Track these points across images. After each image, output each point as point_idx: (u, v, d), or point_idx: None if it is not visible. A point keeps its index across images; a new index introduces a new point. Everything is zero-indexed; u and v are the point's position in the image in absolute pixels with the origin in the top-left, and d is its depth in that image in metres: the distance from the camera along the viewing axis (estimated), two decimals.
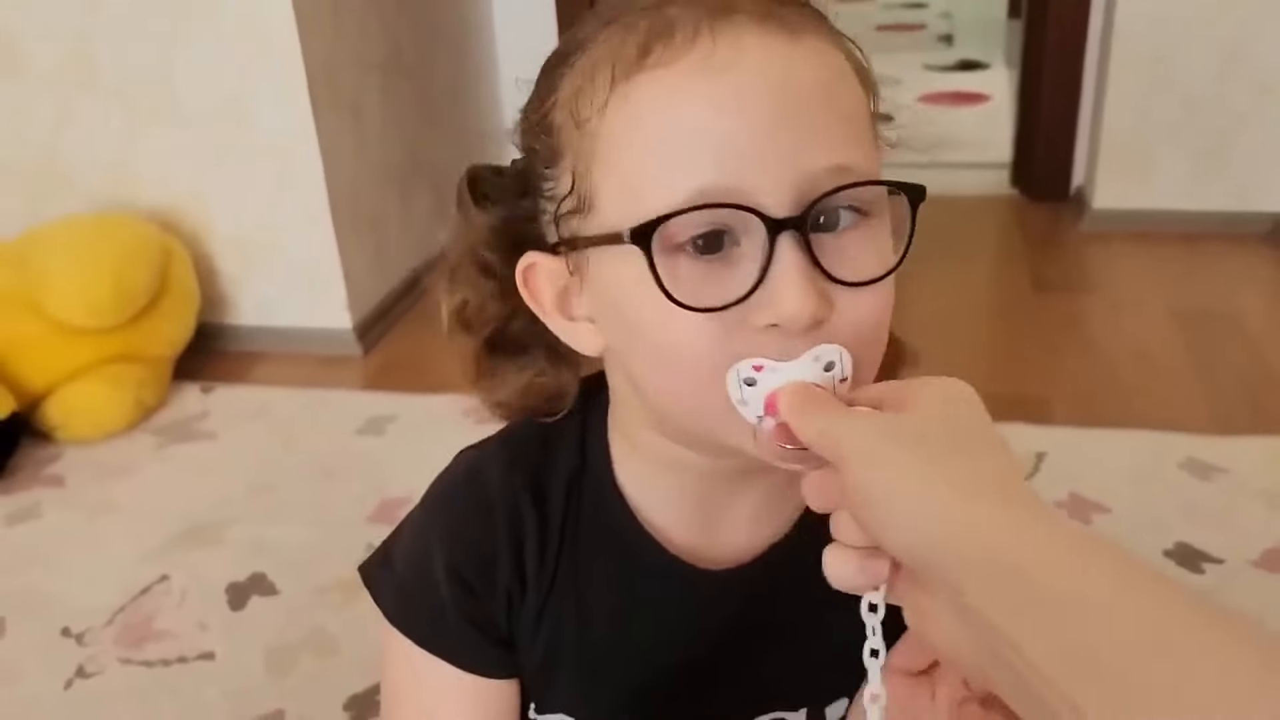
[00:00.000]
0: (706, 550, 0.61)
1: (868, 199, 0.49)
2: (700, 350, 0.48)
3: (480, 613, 0.61)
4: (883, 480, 0.40)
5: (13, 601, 1.47)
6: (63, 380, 1.87)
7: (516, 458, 0.62)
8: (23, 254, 1.92)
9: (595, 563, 0.61)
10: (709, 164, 0.47)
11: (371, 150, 2.24)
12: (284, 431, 1.88)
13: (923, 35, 4.58)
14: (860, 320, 0.49)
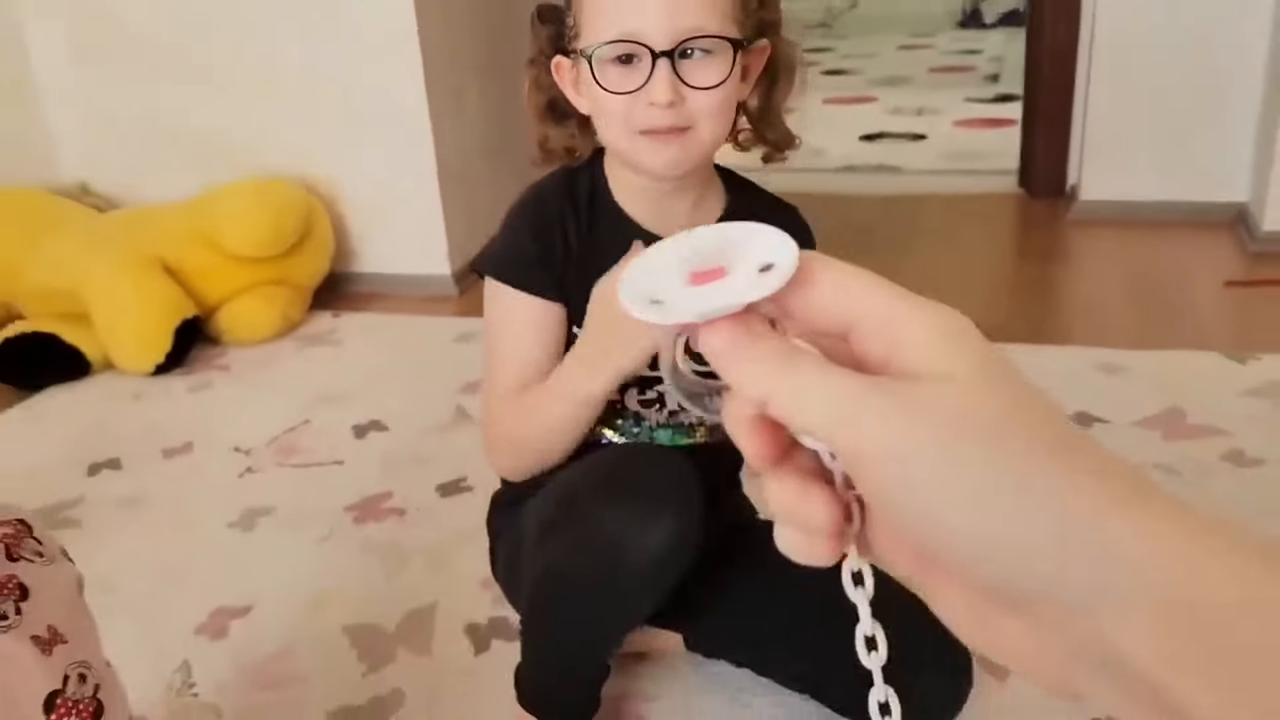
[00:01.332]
0: (664, 230, 1.07)
1: (709, 45, 0.96)
2: (618, 113, 0.97)
3: (546, 259, 1.08)
4: (937, 486, 0.28)
5: (197, 433, 1.99)
6: (230, 297, 2.42)
7: (561, 181, 1.10)
8: (204, 206, 2.49)
9: (602, 238, 1.09)
10: (627, 17, 0.95)
11: (470, 133, 2.78)
12: (395, 341, 2.40)
13: (971, 75, 5.02)
14: (703, 106, 0.97)
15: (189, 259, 2.39)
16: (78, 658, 0.76)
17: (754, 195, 1.16)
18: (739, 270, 0.32)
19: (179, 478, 1.84)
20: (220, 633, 1.40)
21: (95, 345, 2.28)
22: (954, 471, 0.28)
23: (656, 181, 1.05)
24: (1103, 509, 0.26)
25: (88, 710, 0.74)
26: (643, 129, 0.98)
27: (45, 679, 0.73)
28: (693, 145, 0.99)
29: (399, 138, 2.61)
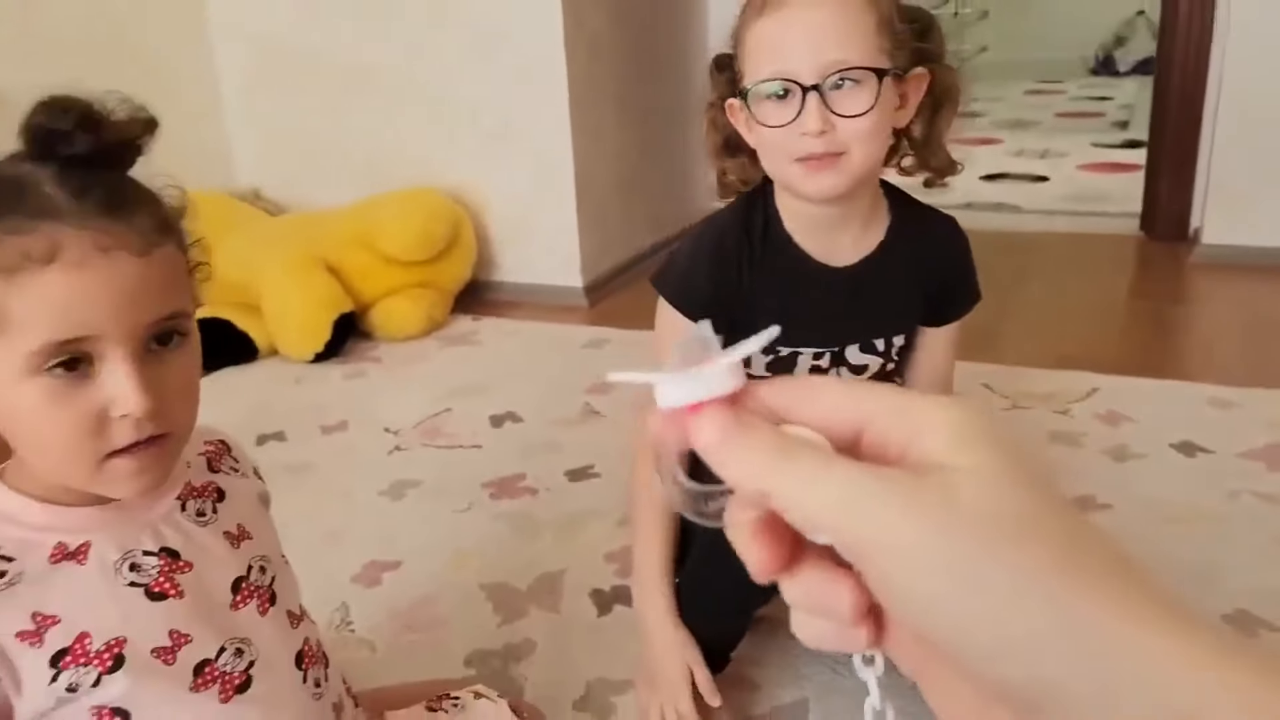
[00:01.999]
0: (829, 258, 1.20)
1: (854, 75, 1.06)
2: (776, 144, 1.10)
3: (717, 292, 1.21)
4: (945, 579, 0.27)
5: (351, 414, 2.20)
6: (382, 296, 2.64)
7: (739, 214, 1.23)
8: (363, 212, 2.72)
9: (772, 266, 1.21)
10: (778, 58, 1.07)
11: (607, 161, 2.96)
12: (530, 344, 2.58)
13: (1100, 121, 5.01)
14: (853, 132, 1.07)
15: (348, 259, 2.62)
16: (259, 553, 0.89)
17: (916, 211, 1.24)
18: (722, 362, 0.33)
19: (336, 451, 2.04)
20: (374, 582, 1.58)
21: (263, 333, 2.52)
22: (963, 566, 0.27)
23: (819, 206, 1.15)
24: (1115, 616, 0.26)
25: (265, 596, 0.87)
26: (798, 157, 1.08)
27: (234, 567, 0.86)
28: (846, 169, 1.08)
29: (543, 160, 2.81)
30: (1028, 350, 2.33)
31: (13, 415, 0.73)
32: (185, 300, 0.77)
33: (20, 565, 0.75)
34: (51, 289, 0.68)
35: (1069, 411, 2.03)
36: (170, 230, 0.76)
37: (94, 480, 0.74)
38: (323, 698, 0.90)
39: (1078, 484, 1.75)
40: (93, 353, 0.71)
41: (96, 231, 0.69)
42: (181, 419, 0.76)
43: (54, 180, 0.71)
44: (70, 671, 0.76)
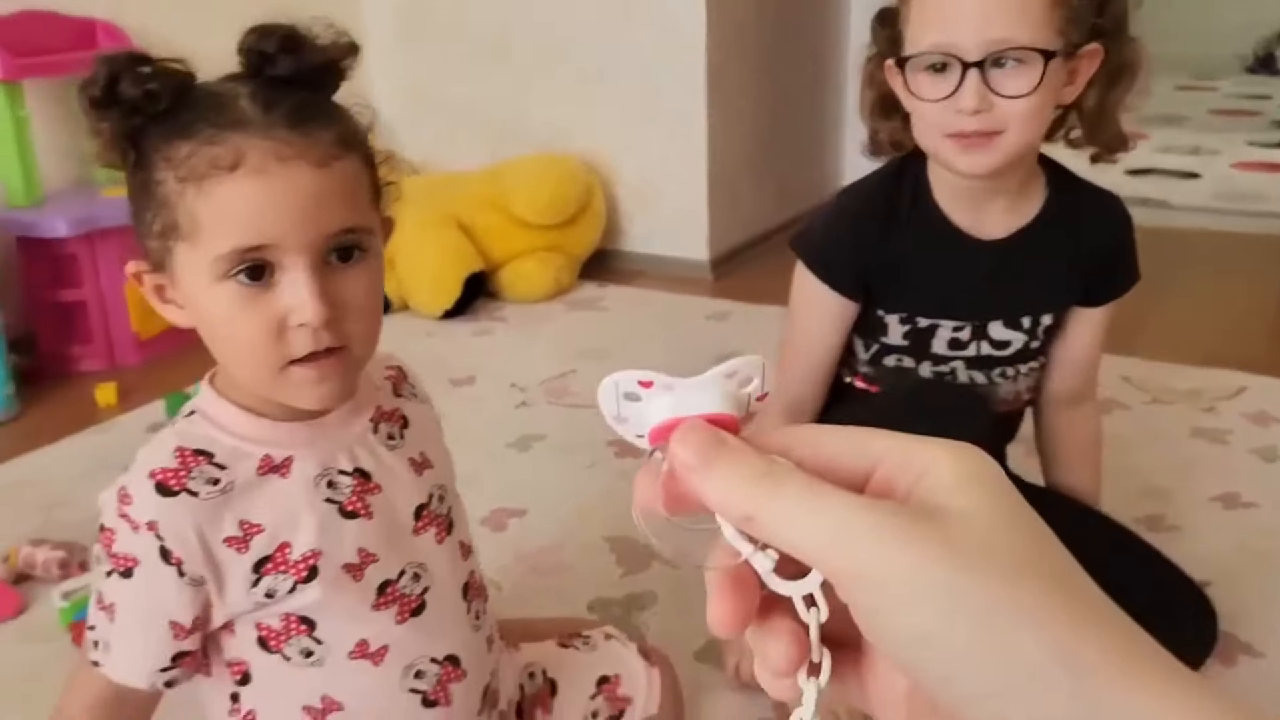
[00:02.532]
0: (977, 231, 1.18)
1: (1019, 55, 1.02)
2: (930, 117, 1.07)
3: (857, 259, 1.20)
4: (938, 614, 0.26)
5: (479, 370, 2.25)
6: (512, 257, 2.68)
7: (887, 180, 1.21)
8: (497, 174, 2.77)
9: (920, 233, 1.19)
10: (942, 28, 1.04)
11: (741, 136, 2.94)
12: (655, 312, 2.60)
13: (1257, 120, 4.76)
14: (1011, 113, 1.03)
15: (480, 220, 2.67)
16: (439, 482, 0.92)
17: (1075, 187, 1.19)
18: None
19: (464, 403, 2.08)
20: (500, 527, 1.61)
21: (396, 287, 2.59)
22: (959, 601, 0.26)
23: (969, 181, 1.12)
24: (1114, 664, 0.25)
25: (443, 524, 0.90)
26: (951, 133, 1.05)
27: (417, 493, 0.88)
28: (1000, 149, 1.05)
29: (677, 133, 2.81)
30: (1171, 347, 2.24)
31: (206, 319, 0.77)
32: (367, 216, 0.79)
33: (232, 474, 0.79)
34: (234, 196, 0.72)
35: (1214, 409, 1.95)
36: (353, 145, 0.78)
37: (276, 387, 0.77)
38: (480, 630, 0.93)
39: (1222, 481, 1.68)
40: (274, 262, 0.74)
41: (278, 142, 0.72)
42: (360, 334, 0.78)
43: (250, 96, 0.74)
44: (270, 578, 0.80)
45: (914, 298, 1.20)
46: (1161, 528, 1.56)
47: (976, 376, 1.23)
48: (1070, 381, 1.29)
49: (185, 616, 0.79)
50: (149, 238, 0.77)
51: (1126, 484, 1.67)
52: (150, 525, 0.77)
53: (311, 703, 0.83)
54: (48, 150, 2.36)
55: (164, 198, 0.73)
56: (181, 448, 0.79)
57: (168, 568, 0.77)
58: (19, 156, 2.26)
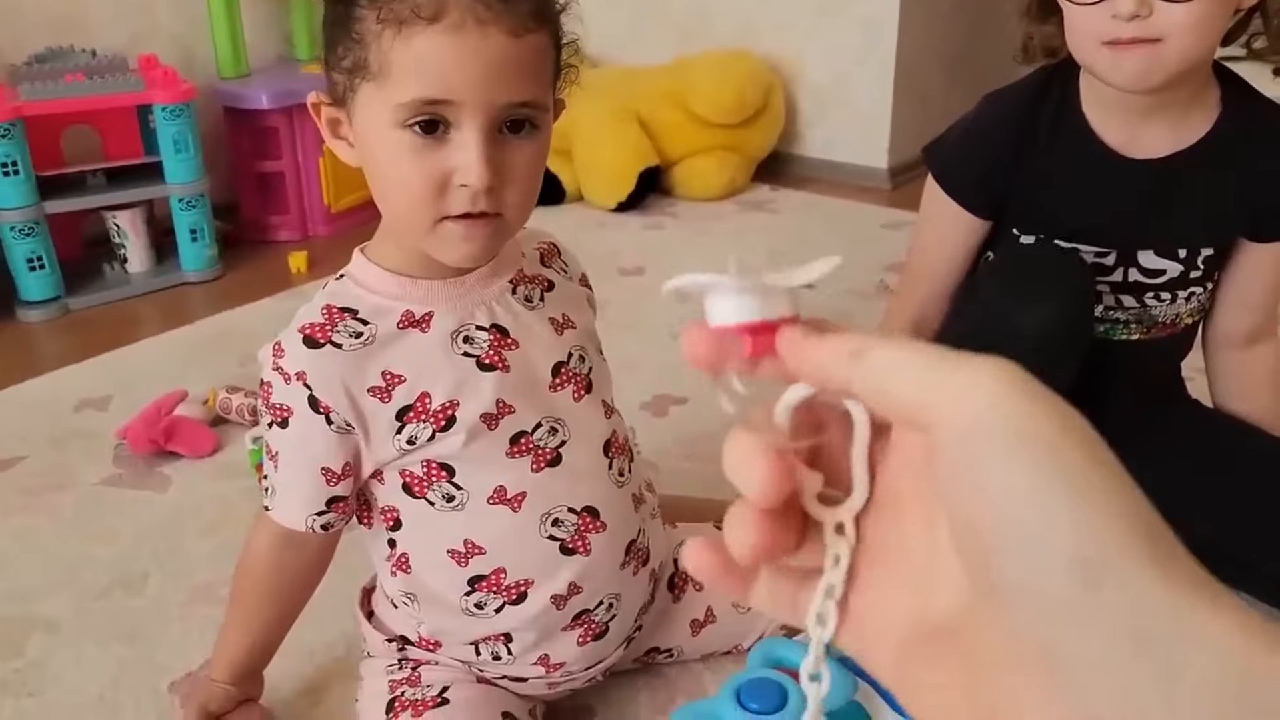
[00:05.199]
0: (1129, 150, 1.08)
1: None
2: (1083, 22, 0.97)
3: (988, 176, 1.13)
4: (1028, 470, 0.24)
5: (648, 261, 2.26)
6: (688, 155, 2.67)
7: (1032, 92, 1.13)
8: (679, 70, 2.74)
9: (1062, 149, 1.11)
10: None
11: (935, 41, 2.81)
12: (828, 217, 2.55)
13: None
14: (1174, 21, 0.93)
15: (659, 116, 2.65)
16: (580, 343, 0.93)
17: (1257, 104, 1.08)
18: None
19: (632, 292, 2.10)
20: (661, 412, 1.63)
21: (572, 178, 2.62)
22: (1061, 462, 0.24)
23: (1126, 96, 1.02)
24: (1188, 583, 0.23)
25: (582, 383, 0.91)
26: (1106, 40, 0.96)
27: (556, 351, 0.90)
28: (1160, 60, 0.95)
29: (865, 34, 2.71)
30: None
31: (374, 159, 0.79)
32: (544, 93, 0.80)
33: (374, 328, 0.83)
34: (428, 47, 0.73)
35: None
36: (547, 21, 0.79)
37: (426, 238, 0.80)
38: (624, 486, 0.95)
39: None
40: (451, 119, 0.75)
41: (480, 3, 0.73)
42: (515, 204, 0.80)
43: None
44: (412, 426, 0.83)
45: (1052, 219, 1.12)
46: None
47: (1125, 299, 1.14)
48: (1243, 321, 1.18)
49: (336, 462, 0.84)
50: (336, 70, 0.79)
51: None
52: (299, 375, 0.81)
53: (455, 546, 0.87)
54: (254, 26, 2.47)
55: (360, 34, 0.75)
56: (329, 305, 0.83)
57: (317, 415, 0.82)
58: (229, 30, 2.37)
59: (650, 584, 1.00)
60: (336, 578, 0.97)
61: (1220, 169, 1.07)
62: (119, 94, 2.03)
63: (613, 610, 0.94)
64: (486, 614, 0.89)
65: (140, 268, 2.20)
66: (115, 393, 1.73)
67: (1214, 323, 1.20)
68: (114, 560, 1.31)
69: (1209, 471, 1.16)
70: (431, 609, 0.91)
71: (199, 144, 2.12)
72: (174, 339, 1.95)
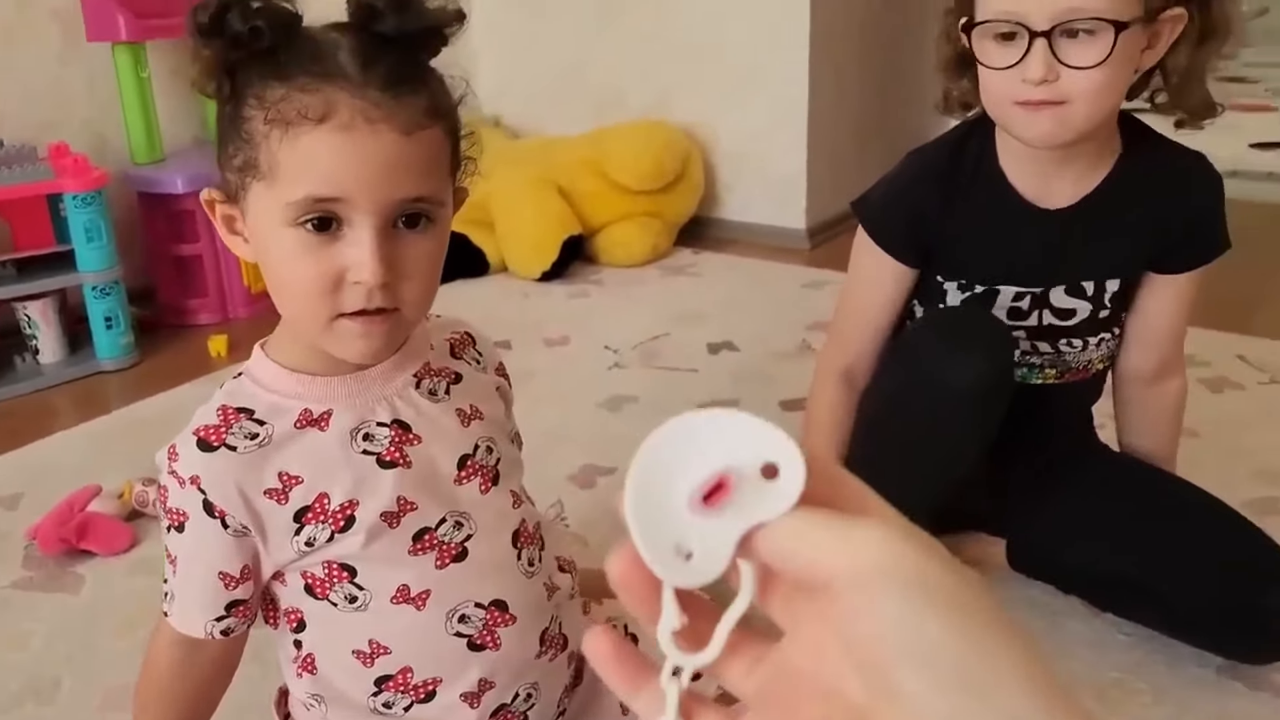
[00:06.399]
0: (1042, 198, 1.15)
1: (1089, 26, 0.97)
2: (996, 84, 1.04)
3: (915, 226, 1.18)
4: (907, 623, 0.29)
5: (574, 330, 2.27)
6: (610, 222, 2.70)
7: (952, 145, 1.19)
8: (597, 139, 2.78)
9: (980, 200, 1.17)
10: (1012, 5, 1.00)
11: (845, 105, 2.90)
12: (749, 279, 2.58)
13: None
14: (1079, 84, 0.99)
15: (579, 184, 2.68)
16: (488, 433, 0.91)
17: (1155, 147, 1.14)
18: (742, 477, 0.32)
19: (558, 363, 2.11)
20: (589, 484, 1.63)
21: (495, 249, 2.63)
22: (943, 596, 0.29)
23: (1037, 150, 1.08)
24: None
25: (489, 474, 0.90)
26: (1017, 100, 1.02)
27: (461, 444, 0.88)
28: (1067, 120, 1.01)
29: (779, 102, 2.78)
30: None
31: (268, 256, 0.78)
32: (441, 188, 0.79)
33: (270, 429, 0.81)
34: (317, 146, 0.72)
35: None
36: (440, 116, 0.78)
37: (322, 335, 0.79)
38: (534, 576, 0.93)
39: None
40: (343, 216, 0.74)
41: (369, 103, 0.73)
42: (413, 299, 0.79)
43: (350, 50, 0.74)
44: (310, 527, 0.82)
45: (972, 265, 1.17)
46: (1274, 511, 1.49)
47: (1041, 345, 1.20)
48: (1150, 357, 1.23)
49: (234, 566, 0.82)
50: (228, 169, 0.78)
51: (1239, 466, 1.60)
52: (193, 480, 0.79)
53: (360, 646, 0.85)
54: (168, 109, 2.46)
55: (249, 134, 0.75)
56: (225, 406, 0.82)
57: (212, 520, 0.80)
58: (142, 115, 2.35)
59: (572, 666, 0.98)
60: (259, 676, 0.94)
61: (1124, 208, 1.12)
62: (28, 184, 2.00)
63: (531, 700, 0.92)
64: (395, 714, 0.87)
65: (53, 358, 2.15)
66: (26, 490, 1.67)
67: (1123, 360, 1.25)
68: (24, 666, 1.26)
69: (1121, 511, 1.21)
70: (340, 710, 0.89)
71: (112, 231, 2.09)
72: (89, 431, 1.90)
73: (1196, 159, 1.15)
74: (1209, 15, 1.04)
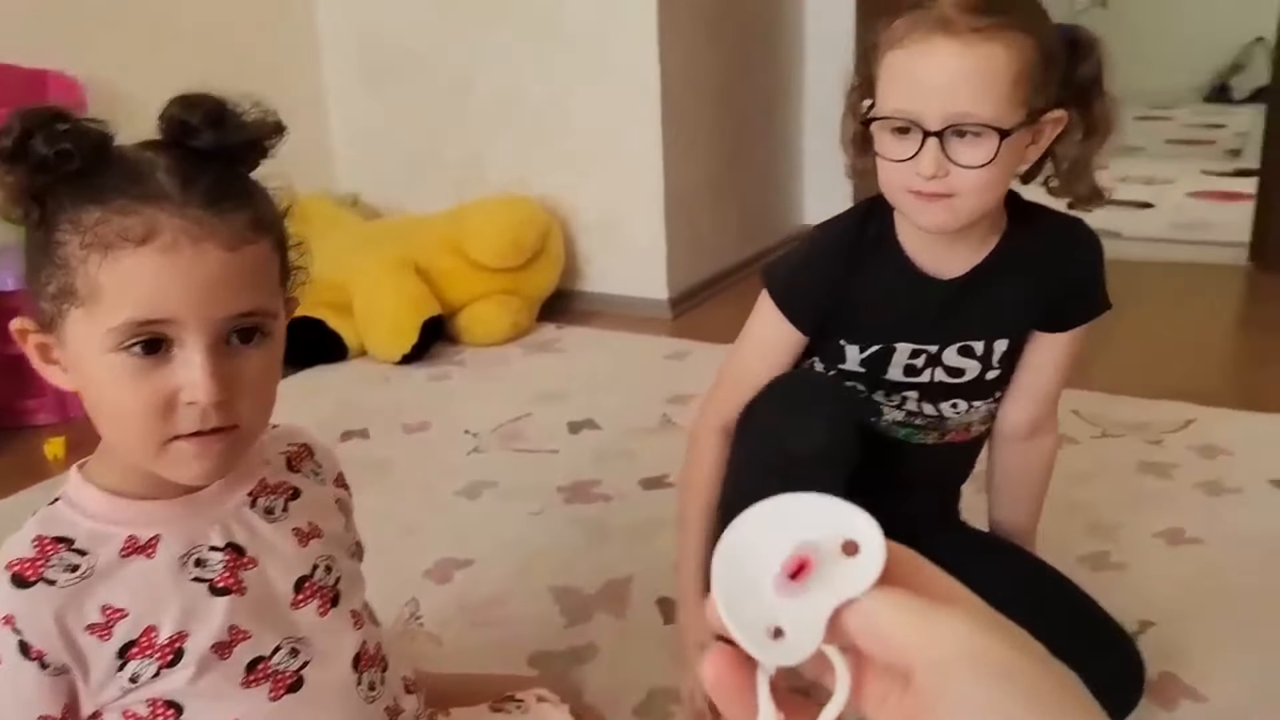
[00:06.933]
0: (939, 271, 1.19)
1: (976, 130, 1.03)
2: (892, 173, 1.09)
3: (818, 296, 1.21)
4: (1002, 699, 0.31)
5: (434, 415, 2.24)
6: (470, 301, 2.68)
7: (856, 219, 1.23)
8: (455, 217, 2.78)
9: (881, 270, 1.21)
10: (908, 96, 1.05)
11: (699, 170, 2.97)
12: (612, 353, 2.60)
13: (1211, 149, 4.85)
14: (966, 181, 1.05)
15: (438, 264, 2.67)
16: (327, 552, 0.89)
17: (1038, 217, 1.21)
18: (824, 554, 0.34)
19: (416, 450, 2.08)
20: (445, 579, 1.60)
21: (354, 333, 2.58)
22: (1011, 678, 0.32)
23: (948, 236, 1.14)
24: None
25: (328, 596, 0.88)
26: (911, 190, 1.08)
27: (299, 565, 0.86)
28: (956, 211, 1.08)
29: (633, 173, 2.83)
30: (1123, 378, 2.26)
31: (92, 385, 0.75)
32: (271, 300, 0.78)
33: (93, 559, 0.77)
34: (139, 269, 0.71)
35: (1162, 442, 1.96)
36: (266, 230, 0.77)
37: (157, 460, 0.76)
38: (376, 701, 0.90)
39: (1167, 516, 1.69)
40: (172, 337, 0.72)
41: (191, 221, 0.71)
42: (250, 415, 0.77)
43: (168, 168, 0.73)
44: (135, 663, 0.78)
45: (872, 329, 1.23)
46: (1106, 566, 1.56)
47: (927, 408, 1.25)
48: (1029, 411, 1.30)
49: (54, 708, 0.77)
50: (42, 297, 0.75)
51: (1074, 521, 1.68)
52: (7, 620, 0.75)
53: None
54: None
55: (64, 260, 0.72)
56: (41, 536, 0.77)
57: (28, 662, 0.75)
58: None
59: None
60: None
61: (1013, 274, 1.19)
62: None
63: None
64: None
65: None
66: None
67: (1002, 417, 1.32)
68: None
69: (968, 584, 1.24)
70: None
71: None
72: None
73: (1076, 224, 1.22)
74: (1090, 115, 1.12)
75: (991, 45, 1.01)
